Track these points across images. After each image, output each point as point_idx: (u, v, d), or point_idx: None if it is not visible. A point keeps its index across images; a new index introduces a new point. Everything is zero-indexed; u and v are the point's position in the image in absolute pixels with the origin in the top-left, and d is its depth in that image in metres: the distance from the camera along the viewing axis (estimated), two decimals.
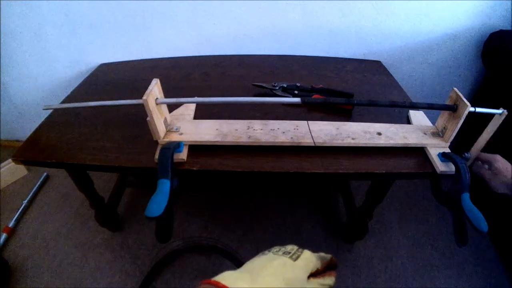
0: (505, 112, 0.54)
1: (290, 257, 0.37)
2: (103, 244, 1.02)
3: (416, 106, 0.67)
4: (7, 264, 0.94)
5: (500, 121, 0.54)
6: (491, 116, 0.56)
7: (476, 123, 0.57)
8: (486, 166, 0.59)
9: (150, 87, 0.53)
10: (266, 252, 0.38)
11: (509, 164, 0.56)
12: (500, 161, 0.57)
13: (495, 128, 0.55)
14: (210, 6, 0.92)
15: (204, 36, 1.00)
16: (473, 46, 0.99)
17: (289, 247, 0.39)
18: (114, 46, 1.02)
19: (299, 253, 0.38)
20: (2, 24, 0.95)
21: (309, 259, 0.38)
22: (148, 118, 0.53)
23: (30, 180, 1.24)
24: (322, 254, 0.43)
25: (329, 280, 0.40)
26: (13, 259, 0.97)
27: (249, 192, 1.20)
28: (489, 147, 0.58)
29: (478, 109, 0.53)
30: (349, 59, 1.03)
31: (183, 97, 0.60)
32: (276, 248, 0.39)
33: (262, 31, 0.98)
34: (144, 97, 0.50)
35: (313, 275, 0.38)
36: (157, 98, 0.54)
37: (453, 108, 0.56)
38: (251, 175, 0.57)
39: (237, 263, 0.94)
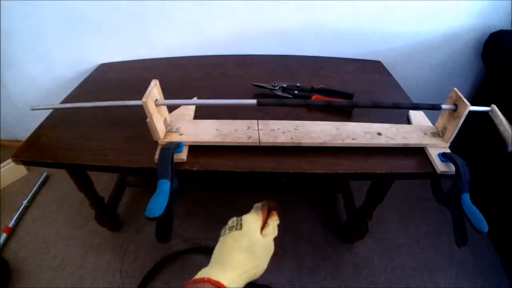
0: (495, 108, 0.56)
1: (236, 229, 0.43)
2: (103, 244, 1.02)
3: (419, 107, 0.67)
4: (7, 264, 0.94)
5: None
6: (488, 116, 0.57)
7: (476, 123, 0.57)
8: None
9: (149, 89, 0.53)
10: (220, 238, 0.44)
11: None
12: None
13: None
14: (210, 6, 0.92)
15: (204, 36, 1.00)
16: (473, 46, 0.99)
17: (230, 222, 0.45)
18: (114, 46, 1.02)
19: (240, 221, 0.44)
20: (2, 24, 0.95)
21: (249, 220, 0.45)
22: (147, 120, 0.53)
23: (30, 180, 1.24)
24: (256, 205, 0.50)
25: (273, 223, 0.48)
26: (13, 259, 0.97)
27: (249, 192, 1.20)
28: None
29: (472, 108, 0.53)
30: (349, 59, 1.03)
31: (183, 97, 0.60)
32: (222, 231, 0.45)
33: (262, 31, 0.98)
34: (144, 99, 0.50)
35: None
36: (156, 100, 0.54)
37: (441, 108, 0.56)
38: (251, 175, 0.57)
39: None
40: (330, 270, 0.96)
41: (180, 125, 0.62)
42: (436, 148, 0.60)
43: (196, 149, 0.59)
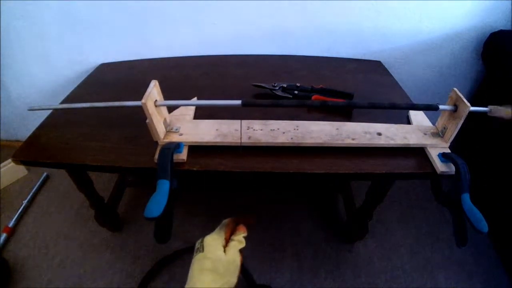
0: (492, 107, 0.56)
1: (199, 251, 0.45)
2: (103, 244, 1.02)
3: (416, 107, 0.67)
4: (7, 263, 0.94)
5: None
6: (488, 116, 0.57)
7: (476, 123, 0.57)
8: None
9: (148, 89, 0.53)
10: (192, 259, 0.46)
11: None
12: None
13: None
14: (210, 6, 0.92)
15: (204, 36, 1.00)
16: (473, 46, 0.99)
17: (196, 244, 0.47)
18: (114, 46, 1.02)
19: (202, 244, 0.46)
20: (3, 24, 0.95)
21: (210, 241, 0.47)
22: (147, 121, 0.53)
23: (30, 180, 1.24)
24: (223, 221, 0.53)
25: (238, 237, 0.49)
26: (13, 259, 0.97)
27: (249, 192, 1.20)
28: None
29: (472, 108, 0.53)
30: (349, 59, 1.03)
31: (183, 96, 0.60)
32: (194, 252, 0.46)
33: (262, 31, 0.98)
34: (143, 100, 0.50)
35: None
36: (156, 100, 0.54)
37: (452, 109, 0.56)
38: (251, 175, 0.57)
39: None
40: (330, 270, 0.96)
41: (180, 125, 0.62)
42: (436, 148, 0.60)
43: (196, 149, 0.59)
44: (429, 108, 0.57)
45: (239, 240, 0.49)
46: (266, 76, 0.88)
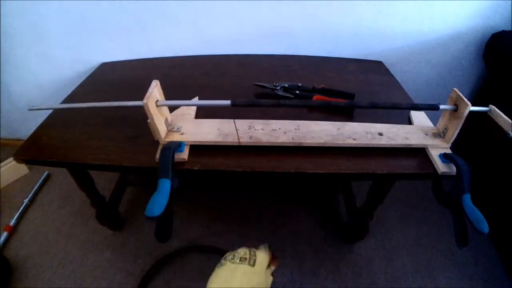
0: (494, 108, 0.55)
1: (248, 263, 0.41)
2: (103, 243, 1.02)
3: (417, 107, 0.67)
4: (8, 262, 0.94)
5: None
6: (489, 116, 0.57)
7: (476, 124, 0.57)
8: None
9: (150, 89, 0.53)
10: (223, 261, 0.42)
11: None
12: None
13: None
14: (211, 6, 0.92)
15: (205, 35, 1.00)
16: (475, 47, 0.99)
17: (242, 252, 0.44)
18: (115, 46, 1.02)
19: (254, 257, 0.43)
20: (3, 24, 0.95)
21: (263, 259, 0.44)
22: (149, 120, 0.53)
23: (31, 178, 1.25)
24: (265, 245, 0.48)
25: (273, 267, 0.47)
26: (14, 258, 0.97)
27: (250, 192, 1.20)
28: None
29: (472, 108, 0.53)
30: (350, 59, 1.02)
31: (184, 96, 0.60)
32: (229, 255, 0.43)
33: (263, 30, 0.98)
34: (145, 100, 0.50)
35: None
36: (157, 100, 0.54)
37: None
38: (252, 175, 0.57)
39: None
40: (331, 270, 0.96)
41: (181, 124, 0.62)
42: (437, 149, 0.60)
43: (198, 149, 0.59)
44: (430, 108, 0.57)
45: (271, 271, 0.47)
46: (268, 76, 0.88)
